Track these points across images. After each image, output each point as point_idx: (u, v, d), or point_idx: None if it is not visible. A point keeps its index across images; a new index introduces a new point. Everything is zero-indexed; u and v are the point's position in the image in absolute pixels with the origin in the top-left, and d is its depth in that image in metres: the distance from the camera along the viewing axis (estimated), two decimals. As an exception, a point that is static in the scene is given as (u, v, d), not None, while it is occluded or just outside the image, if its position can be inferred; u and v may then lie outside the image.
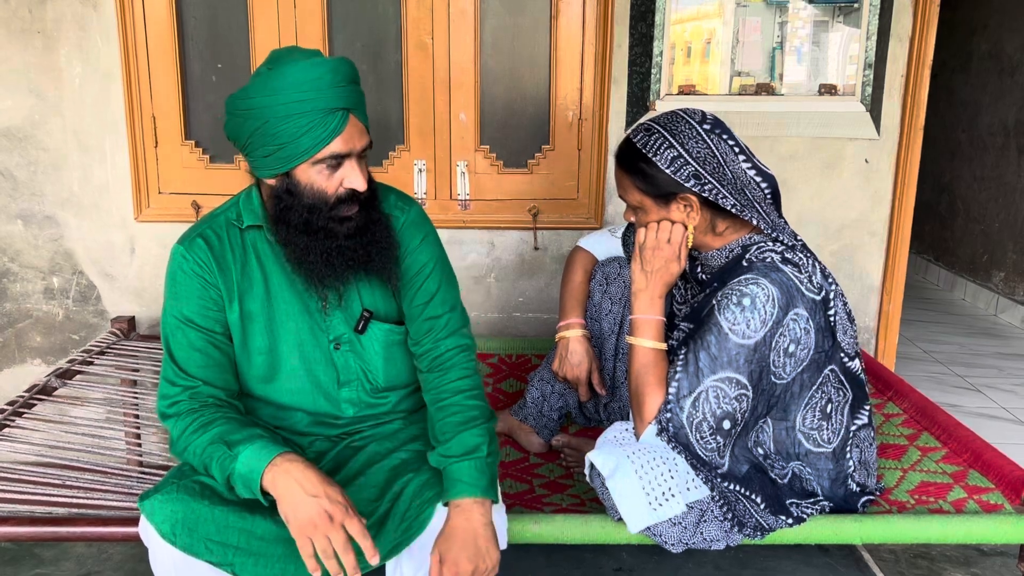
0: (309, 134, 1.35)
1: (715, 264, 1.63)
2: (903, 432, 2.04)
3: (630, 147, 1.62)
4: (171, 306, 1.49)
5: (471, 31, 2.58)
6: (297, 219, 1.41)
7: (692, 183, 1.56)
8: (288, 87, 1.34)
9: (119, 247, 2.68)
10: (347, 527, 1.28)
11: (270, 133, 1.36)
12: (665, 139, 1.58)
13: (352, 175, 1.41)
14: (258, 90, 1.36)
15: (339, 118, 1.37)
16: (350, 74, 1.40)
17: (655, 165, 1.57)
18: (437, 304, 1.55)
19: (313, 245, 1.42)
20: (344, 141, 1.38)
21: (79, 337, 2.74)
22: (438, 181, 2.68)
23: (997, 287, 4.47)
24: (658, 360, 1.58)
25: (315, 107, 1.35)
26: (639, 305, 1.61)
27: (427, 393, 1.54)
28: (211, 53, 2.62)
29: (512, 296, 2.74)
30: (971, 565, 2.19)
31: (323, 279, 1.45)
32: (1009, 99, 4.41)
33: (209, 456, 1.37)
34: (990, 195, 4.59)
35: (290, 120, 1.35)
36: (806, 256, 1.57)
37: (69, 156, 2.61)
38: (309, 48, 1.44)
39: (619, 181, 1.66)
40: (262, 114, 1.36)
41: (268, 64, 1.39)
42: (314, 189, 1.40)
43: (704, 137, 1.58)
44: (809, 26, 2.66)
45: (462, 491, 1.38)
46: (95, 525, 1.59)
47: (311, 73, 1.35)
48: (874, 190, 2.68)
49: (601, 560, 2.18)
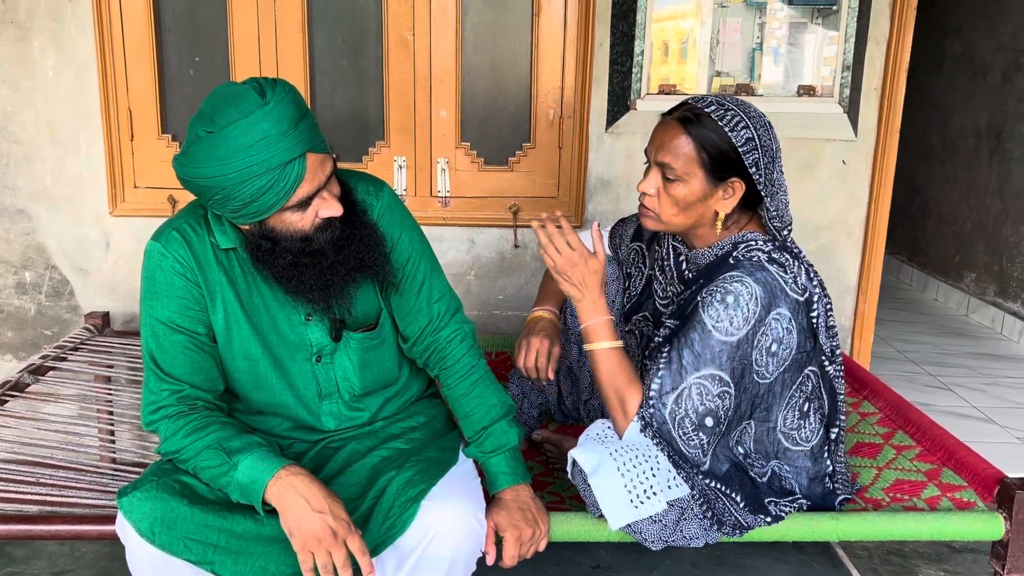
0: (270, 192, 1.29)
1: (702, 262, 1.63)
2: (878, 431, 2.07)
3: (700, 115, 1.52)
4: (151, 308, 1.44)
5: (452, 28, 2.57)
6: (283, 260, 1.38)
7: (754, 171, 1.52)
8: (235, 153, 1.26)
9: (93, 241, 2.64)
10: (348, 544, 1.31)
11: (231, 197, 1.30)
12: (742, 119, 1.52)
13: (326, 206, 1.36)
14: (204, 160, 1.28)
15: (297, 166, 1.29)
16: (295, 113, 1.29)
17: (729, 141, 1.50)
18: (427, 292, 1.55)
19: (306, 275, 1.39)
20: (309, 182, 1.32)
21: (52, 333, 2.70)
22: (418, 178, 2.67)
23: (968, 287, 4.54)
24: (622, 357, 1.58)
25: (269, 166, 1.27)
26: (584, 313, 1.59)
27: (443, 389, 1.60)
28: (189, 46, 2.59)
29: (492, 294, 2.74)
30: (943, 561, 2.23)
31: (327, 301, 1.43)
32: (981, 101, 4.48)
33: (204, 461, 1.36)
34: (962, 196, 4.66)
35: (247, 184, 1.28)
36: (793, 257, 1.57)
37: (42, 148, 2.57)
38: (246, 83, 1.31)
39: (669, 144, 1.53)
40: (217, 183, 1.28)
41: (205, 124, 1.28)
42: (291, 231, 1.36)
43: (771, 128, 1.54)
44: (785, 27, 2.68)
45: (504, 482, 1.53)
46: (70, 523, 1.57)
47: (254, 133, 1.26)
48: (851, 191, 2.71)
49: (579, 557, 2.18)
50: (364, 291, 1.52)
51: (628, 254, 1.88)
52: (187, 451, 1.38)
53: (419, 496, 1.39)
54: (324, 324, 1.50)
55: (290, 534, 1.31)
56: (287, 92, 1.31)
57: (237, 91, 1.29)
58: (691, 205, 1.55)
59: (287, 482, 1.32)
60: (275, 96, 1.29)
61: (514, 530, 1.46)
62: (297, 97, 1.32)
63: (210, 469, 1.36)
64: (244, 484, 1.33)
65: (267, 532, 1.35)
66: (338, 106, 2.66)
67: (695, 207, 1.56)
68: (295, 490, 1.31)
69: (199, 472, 1.38)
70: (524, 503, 1.51)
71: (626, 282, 1.88)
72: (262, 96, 1.28)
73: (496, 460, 1.53)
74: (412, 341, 1.58)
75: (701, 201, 1.55)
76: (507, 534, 1.46)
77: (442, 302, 1.58)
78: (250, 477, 1.33)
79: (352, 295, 1.47)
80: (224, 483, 1.36)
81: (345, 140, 2.67)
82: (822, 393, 1.64)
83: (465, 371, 1.57)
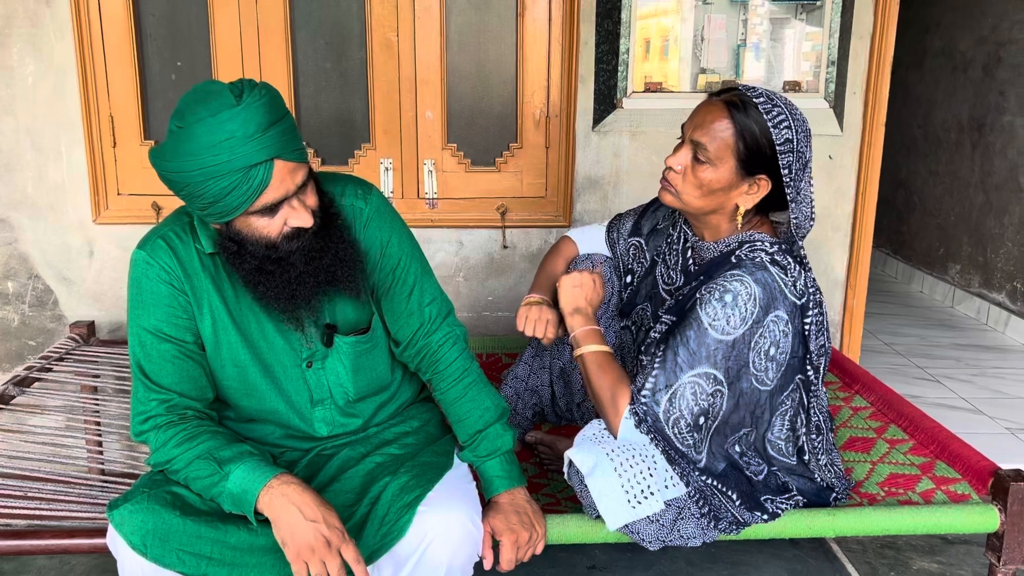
0: (233, 193, 1.26)
1: (706, 256, 1.63)
2: (871, 425, 2.07)
3: (747, 103, 1.50)
4: (137, 317, 1.41)
5: (437, 28, 2.56)
6: (249, 265, 1.35)
7: (785, 173, 1.50)
8: (199, 150, 1.24)
9: (77, 250, 2.61)
10: (343, 553, 1.30)
11: (195, 194, 1.28)
12: (787, 118, 1.49)
13: (294, 215, 1.33)
14: (172, 153, 1.26)
15: (262, 171, 1.26)
16: (266, 118, 1.26)
17: (769, 136, 1.48)
18: (419, 295, 1.54)
19: (272, 282, 1.36)
20: (275, 189, 1.28)
21: (36, 343, 2.67)
22: (405, 180, 2.65)
23: (953, 279, 4.57)
24: (610, 359, 1.59)
25: (232, 168, 1.24)
26: (576, 325, 1.63)
27: (435, 393, 1.59)
28: (170, 50, 2.56)
29: (482, 295, 2.73)
30: (936, 554, 2.23)
31: (294, 311, 1.40)
32: (962, 95, 4.51)
33: (195, 471, 1.34)
34: (945, 189, 4.69)
35: (210, 183, 1.26)
36: (797, 262, 1.55)
37: (22, 156, 2.53)
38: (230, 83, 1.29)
39: (710, 124, 1.50)
40: (182, 178, 1.27)
41: (177, 118, 1.27)
42: (257, 236, 1.34)
43: (810, 135, 1.52)
44: (767, 22, 2.68)
45: (500, 486, 1.52)
46: (59, 537, 1.55)
47: (219, 133, 1.23)
48: (837, 186, 2.71)
49: (575, 558, 2.17)
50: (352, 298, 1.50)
51: (627, 249, 1.88)
52: (177, 461, 1.36)
53: (414, 502, 1.38)
54: (314, 330, 1.48)
55: (283, 544, 1.29)
56: (263, 96, 1.27)
57: (213, 90, 1.27)
58: (714, 192, 1.54)
59: (279, 491, 1.30)
60: (249, 98, 1.26)
61: (511, 534, 1.46)
62: (274, 102, 1.29)
63: (201, 480, 1.34)
64: (236, 494, 1.32)
65: (261, 543, 1.34)
66: (323, 109, 2.64)
67: (717, 195, 1.55)
68: (287, 499, 1.30)
69: (191, 483, 1.36)
70: (520, 506, 1.50)
71: (627, 277, 1.87)
72: (238, 97, 1.26)
73: (491, 464, 1.52)
74: (404, 345, 1.57)
75: (725, 190, 1.54)
76: (504, 538, 1.45)
77: (434, 305, 1.56)
78: (241, 487, 1.31)
79: (320, 306, 1.45)
80: (216, 493, 1.34)
81: (330, 143, 2.65)
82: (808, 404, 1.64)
83: (458, 375, 1.55)
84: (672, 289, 1.72)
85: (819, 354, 1.60)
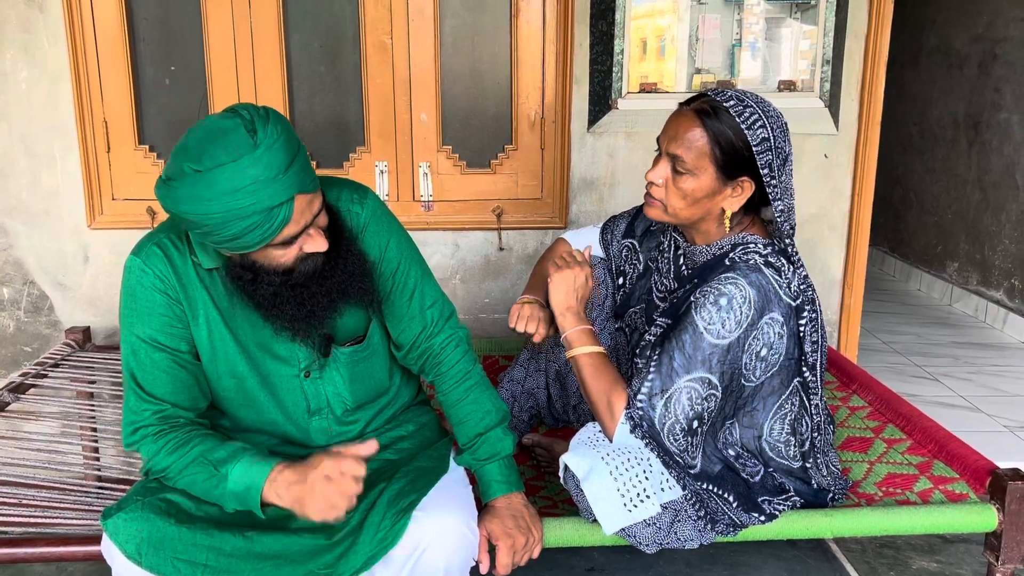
0: (254, 232, 1.23)
1: (699, 260, 1.62)
2: (869, 424, 2.07)
3: (718, 108, 1.49)
4: (131, 325, 1.40)
5: (431, 30, 2.55)
6: (264, 291, 1.34)
7: (765, 172, 1.49)
8: (220, 195, 1.20)
9: (72, 255, 2.60)
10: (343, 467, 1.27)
11: (212, 234, 1.25)
12: (759, 117, 1.48)
13: (311, 242, 1.31)
14: (186, 195, 1.21)
15: (285, 210, 1.24)
16: (286, 158, 1.23)
17: (744, 139, 1.47)
18: (420, 298, 1.53)
19: (287, 305, 1.36)
20: (295, 223, 1.27)
21: (32, 349, 2.66)
22: (400, 182, 2.65)
23: (951, 277, 4.57)
24: (604, 360, 1.58)
25: (255, 210, 1.21)
26: (567, 325, 1.62)
27: (438, 395, 1.58)
28: (164, 55, 2.55)
29: (478, 297, 2.73)
30: (935, 553, 2.23)
31: (308, 329, 1.39)
32: (958, 93, 4.51)
33: (193, 476, 1.34)
34: (942, 187, 4.69)
35: (231, 224, 1.22)
36: (791, 263, 1.55)
37: (16, 162, 2.53)
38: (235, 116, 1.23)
39: (683, 135, 1.50)
40: (200, 219, 1.23)
41: (192, 160, 1.21)
42: (274, 265, 1.32)
43: (787, 129, 1.51)
44: (762, 22, 2.67)
45: (498, 490, 1.51)
46: (55, 545, 1.54)
47: (242, 179, 1.19)
48: (833, 185, 2.71)
49: (573, 560, 2.17)
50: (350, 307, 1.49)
51: (620, 250, 1.87)
52: (172, 469, 1.36)
53: (410, 507, 1.37)
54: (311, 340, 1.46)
55: (306, 518, 1.29)
56: (280, 133, 1.23)
57: (226, 128, 1.22)
58: (699, 200, 1.54)
59: (283, 478, 1.30)
60: (267, 139, 1.22)
61: (507, 538, 1.45)
62: (289, 137, 1.25)
63: (200, 484, 1.34)
64: (239, 492, 1.31)
65: (257, 549, 1.33)
66: (317, 112, 2.63)
67: (703, 202, 1.54)
68: (289, 483, 1.29)
69: (189, 488, 1.35)
70: (517, 510, 1.49)
71: (619, 279, 1.87)
72: (252, 136, 1.21)
73: (490, 468, 1.52)
74: (406, 349, 1.56)
75: (709, 197, 1.54)
76: (500, 542, 1.45)
77: (435, 308, 1.56)
78: (244, 484, 1.31)
79: (334, 321, 1.44)
80: (217, 495, 1.33)
81: (325, 146, 2.64)
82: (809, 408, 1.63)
83: (460, 377, 1.55)
84: (666, 294, 1.71)
85: (814, 351, 1.59)
